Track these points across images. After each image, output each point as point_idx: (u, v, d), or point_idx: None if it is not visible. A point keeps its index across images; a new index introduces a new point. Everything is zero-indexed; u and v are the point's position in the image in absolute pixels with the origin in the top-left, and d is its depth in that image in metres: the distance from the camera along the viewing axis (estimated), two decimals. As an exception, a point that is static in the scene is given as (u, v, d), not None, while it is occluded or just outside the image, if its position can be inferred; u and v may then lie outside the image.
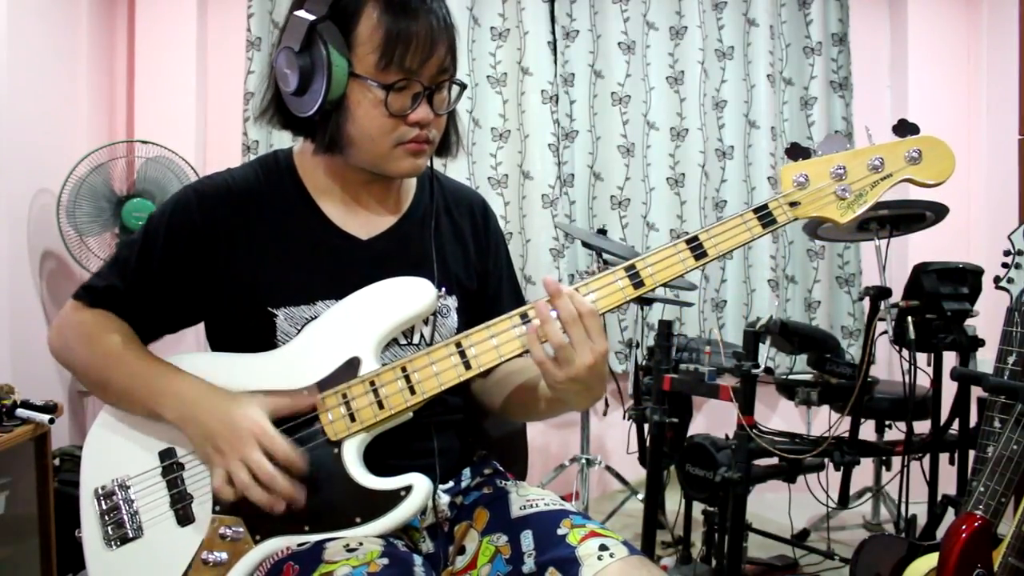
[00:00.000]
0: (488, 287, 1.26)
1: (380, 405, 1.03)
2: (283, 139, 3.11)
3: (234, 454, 0.99)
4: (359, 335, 1.06)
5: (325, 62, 1.01)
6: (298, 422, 1.04)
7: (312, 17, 1.02)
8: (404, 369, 1.03)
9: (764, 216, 1.05)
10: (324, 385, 1.05)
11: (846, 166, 1.05)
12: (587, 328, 0.98)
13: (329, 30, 1.02)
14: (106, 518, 1.07)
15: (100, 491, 1.08)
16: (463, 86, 1.11)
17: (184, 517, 1.05)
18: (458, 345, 1.03)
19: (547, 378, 1.01)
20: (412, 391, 1.03)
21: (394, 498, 1.01)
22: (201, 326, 1.20)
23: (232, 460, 0.99)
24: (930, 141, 1.06)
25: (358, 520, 1.01)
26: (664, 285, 1.06)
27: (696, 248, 1.04)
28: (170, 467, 1.07)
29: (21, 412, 2.00)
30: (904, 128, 1.07)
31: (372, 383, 1.04)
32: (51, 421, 2.02)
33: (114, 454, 1.09)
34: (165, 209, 1.15)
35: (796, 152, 1.07)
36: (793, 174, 1.06)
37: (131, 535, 1.06)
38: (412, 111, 1.05)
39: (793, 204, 1.05)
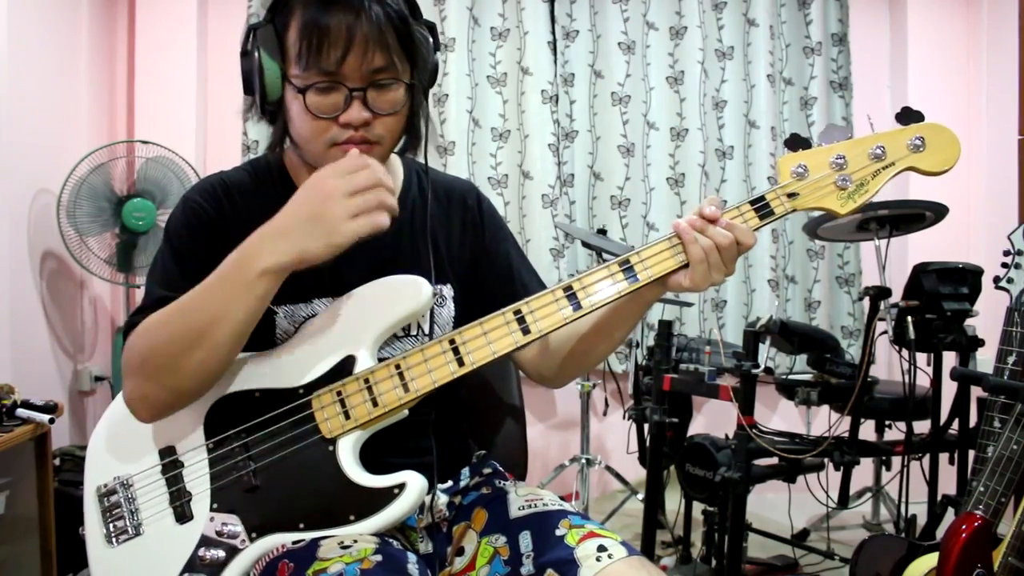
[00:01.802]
0: (496, 265, 1.25)
1: (374, 403, 1.03)
2: (283, 139, 3.11)
3: (336, 197, 0.96)
4: (355, 334, 1.07)
5: (258, 67, 1.03)
6: (293, 419, 1.04)
7: (254, 21, 1.04)
8: (398, 367, 1.04)
9: (761, 208, 1.04)
10: (319, 384, 1.05)
11: (846, 155, 1.03)
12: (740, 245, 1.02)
13: (265, 34, 1.03)
14: (107, 516, 1.07)
15: (102, 489, 1.08)
16: (411, 86, 1.07)
17: (182, 514, 1.05)
18: (451, 342, 1.04)
19: (698, 280, 1.02)
20: (406, 388, 1.03)
21: (387, 496, 1.01)
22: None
23: (344, 203, 0.95)
24: (934, 128, 1.03)
25: (352, 518, 1.01)
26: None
27: None
28: (169, 465, 1.07)
29: (21, 412, 2.00)
30: (908, 116, 1.04)
31: (366, 380, 1.04)
32: (51, 421, 2.02)
33: (116, 453, 1.10)
34: (177, 217, 1.13)
35: (795, 143, 1.05)
36: (791, 164, 1.04)
37: (131, 533, 1.06)
38: (343, 112, 1.03)
39: (791, 195, 1.03)
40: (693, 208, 1.09)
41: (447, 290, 1.19)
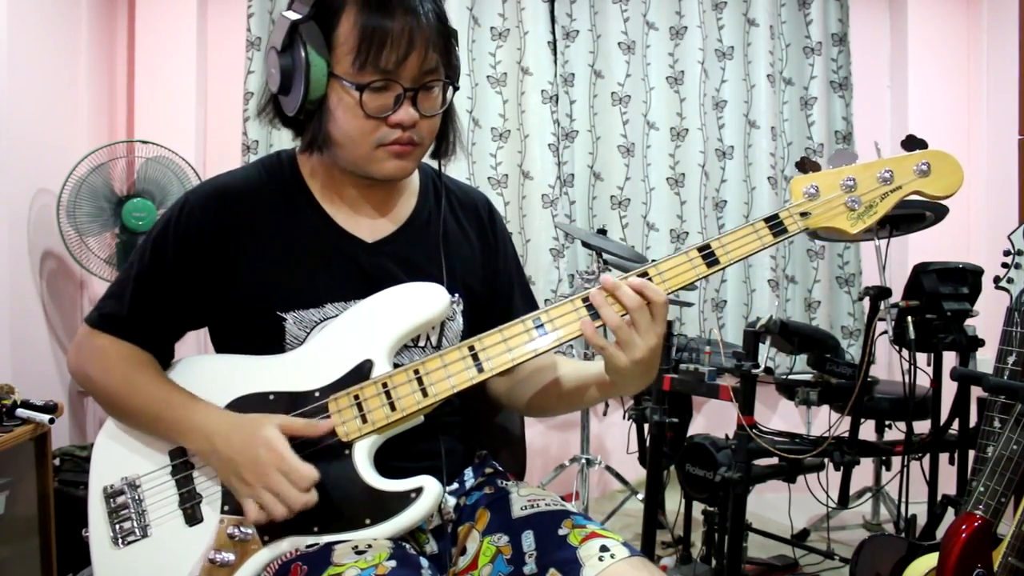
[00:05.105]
0: (500, 286, 1.26)
1: (392, 407, 1.03)
2: (282, 139, 3.11)
3: (259, 484, 0.98)
4: (372, 339, 1.07)
5: (304, 63, 1.01)
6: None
7: (296, 17, 1.02)
8: (416, 372, 1.04)
9: (775, 226, 1.05)
10: (336, 387, 1.05)
11: (856, 178, 1.07)
12: (653, 314, 0.99)
13: (310, 30, 1.01)
14: (114, 517, 1.06)
15: (109, 490, 1.08)
16: (455, 87, 1.09)
17: (192, 517, 1.05)
18: (471, 348, 1.04)
19: (611, 362, 1.01)
20: (424, 393, 1.03)
21: (404, 500, 1.01)
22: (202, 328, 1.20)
23: (258, 490, 0.98)
24: (939, 155, 1.07)
25: (367, 522, 1.01)
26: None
27: (708, 256, 1.04)
28: (180, 466, 1.07)
29: (21, 412, 1.99)
30: (912, 143, 1.09)
31: (384, 385, 1.04)
32: (51, 421, 2.02)
33: (124, 452, 1.09)
34: (169, 218, 1.13)
35: (806, 165, 1.08)
36: (803, 185, 1.07)
37: (139, 535, 1.06)
38: (393, 113, 1.03)
39: (804, 214, 1.06)
40: (689, 211, 1.08)
41: (458, 304, 1.19)
